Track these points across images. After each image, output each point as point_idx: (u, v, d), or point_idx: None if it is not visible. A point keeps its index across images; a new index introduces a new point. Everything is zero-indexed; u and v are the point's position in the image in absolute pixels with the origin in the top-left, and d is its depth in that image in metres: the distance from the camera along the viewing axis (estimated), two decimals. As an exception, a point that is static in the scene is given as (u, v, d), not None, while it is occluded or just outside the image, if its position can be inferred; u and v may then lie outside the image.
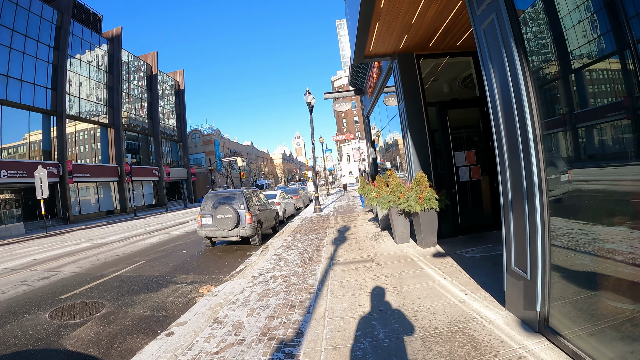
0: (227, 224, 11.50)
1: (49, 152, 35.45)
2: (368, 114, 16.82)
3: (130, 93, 50.74)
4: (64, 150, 35.76)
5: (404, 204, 7.86)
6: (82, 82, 40.48)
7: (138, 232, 20.56)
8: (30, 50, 33.26)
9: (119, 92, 46.19)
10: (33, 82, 33.46)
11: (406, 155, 8.97)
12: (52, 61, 35.88)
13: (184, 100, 67.90)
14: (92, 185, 41.32)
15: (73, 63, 38.82)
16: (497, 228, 9.07)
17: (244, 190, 12.14)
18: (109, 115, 44.61)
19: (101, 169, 42.17)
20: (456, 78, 10.42)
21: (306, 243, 10.63)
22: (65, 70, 36.93)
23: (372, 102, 14.48)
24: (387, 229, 10.85)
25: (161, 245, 14.39)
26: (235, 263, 9.94)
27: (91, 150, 42.34)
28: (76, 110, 39.01)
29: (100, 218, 39.09)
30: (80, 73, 40.08)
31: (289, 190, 26.77)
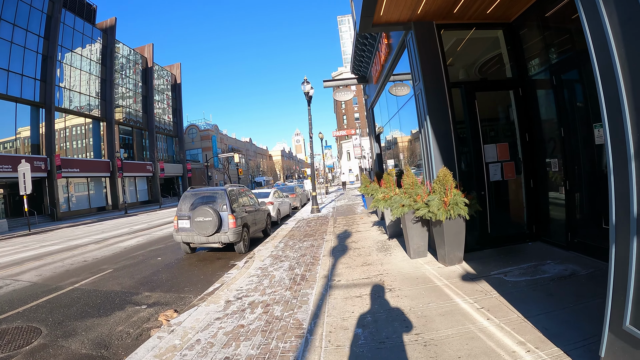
0: (207, 228, 9.75)
1: (37, 146, 33.70)
2: (372, 104, 15.03)
3: (124, 86, 48.92)
4: (52, 144, 33.97)
5: (423, 209, 6.10)
6: (74, 74, 38.67)
7: (120, 232, 18.88)
8: (19, 39, 31.45)
9: (112, 85, 44.39)
10: (21, 72, 31.68)
11: (424, 148, 7.21)
12: (41, 51, 34.08)
13: (180, 94, 66.20)
14: (82, 180, 39.53)
15: (64, 54, 37.01)
16: (532, 239, 7.40)
17: (227, 189, 10.37)
18: (101, 109, 42.81)
19: (92, 163, 40.38)
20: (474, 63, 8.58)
21: (299, 253, 8.87)
22: (55, 61, 35.15)
23: (377, 90, 12.70)
24: (397, 237, 9.10)
25: (137, 250, 12.69)
26: (212, 277, 8.24)
27: (82, 145, 40.53)
28: (67, 103, 37.23)
29: (90, 215, 37.34)
30: (71, 64, 38.25)
31: (285, 188, 25.00)
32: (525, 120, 7.39)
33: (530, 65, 7.39)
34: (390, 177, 8.94)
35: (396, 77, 10.22)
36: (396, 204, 6.64)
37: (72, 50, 38.40)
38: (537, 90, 7.24)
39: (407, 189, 6.69)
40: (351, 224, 12.65)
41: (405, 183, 6.73)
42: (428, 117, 6.81)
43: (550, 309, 4.27)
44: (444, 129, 6.83)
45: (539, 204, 7.36)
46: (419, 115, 7.30)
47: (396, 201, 6.64)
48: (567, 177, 6.41)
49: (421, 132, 7.25)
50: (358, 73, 15.10)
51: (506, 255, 6.71)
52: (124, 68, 49.33)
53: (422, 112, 7.13)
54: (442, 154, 6.79)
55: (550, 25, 6.69)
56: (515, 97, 7.51)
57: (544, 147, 7.17)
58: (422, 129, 7.17)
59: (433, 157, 6.76)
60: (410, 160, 10.23)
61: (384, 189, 8.87)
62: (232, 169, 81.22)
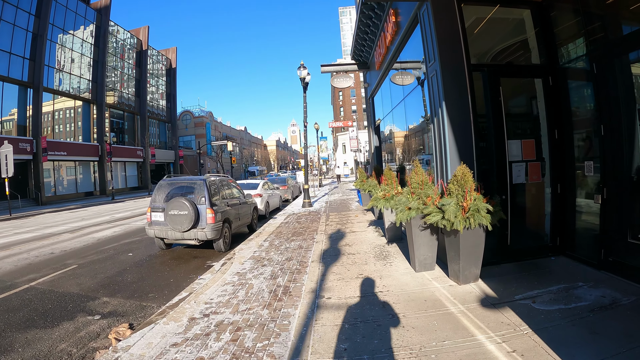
0: (182, 222, 8.60)
1: (23, 127, 32.14)
2: (373, 93, 13.86)
3: (117, 68, 47.26)
4: (38, 126, 32.49)
5: (435, 215, 4.98)
6: (65, 54, 37.02)
7: (100, 221, 17.70)
8: (8, 16, 29.83)
9: (104, 67, 42.72)
10: (9, 51, 30.14)
11: (436, 140, 6.07)
12: (32, 30, 32.47)
13: (175, 79, 64.57)
14: (69, 164, 38.11)
15: (55, 33, 35.36)
16: (555, 253, 6.37)
17: (207, 179, 9.19)
18: (92, 91, 41.19)
19: (80, 147, 38.86)
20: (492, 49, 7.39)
21: (285, 255, 7.75)
22: (46, 40, 33.55)
23: (380, 77, 11.53)
24: (397, 242, 8.01)
25: (110, 242, 11.55)
26: (182, 281, 7.15)
27: (71, 128, 39.01)
28: (56, 84, 35.64)
29: (77, 200, 35.95)
30: (63, 44, 36.58)
31: (277, 180, 23.78)
32: (555, 115, 6.30)
33: (563, 51, 6.30)
34: (391, 173, 7.81)
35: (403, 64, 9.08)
36: (401, 206, 5.52)
37: (63, 30, 36.70)
38: (570, 80, 6.16)
39: (414, 189, 5.56)
40: (345, 223, 11.54)
41: (412, 181, 5.60)
42: (444, 104, 5.67)
43: (599, 356, 3.22)
44: (462, 118, 5.70)
45: (566, 212, 6.29)
46: (432, 102, 6.16)
47: (401, 203, 5.52)
48: (604, 183, 5.33)
49: (434, 122, 6.11)
50: (359, 58, 13.89)
51: (528, 272, 5.65)
52: (117, 50, 47.67)
53: (436, 98, 5.99)
54: (459, 148, 5.66)
55: (590, 4, 5.59)
56: (544, 87, 6.42)
57: (576, 146, 6.09)
58: (435, 117, 6.03)
59: (448, 152, 5.63)
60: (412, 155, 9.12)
61: (384, 186, 7.75)
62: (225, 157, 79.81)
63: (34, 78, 32.64)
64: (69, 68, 37.58)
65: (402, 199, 5.51)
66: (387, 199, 7.38)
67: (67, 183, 37.92)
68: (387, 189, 7.56)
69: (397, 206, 5.55)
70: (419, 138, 8.28)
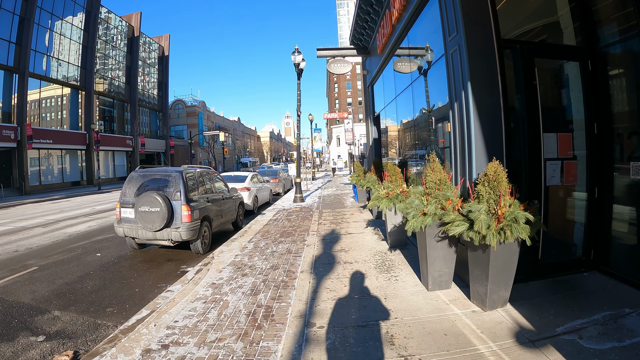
0: (153, 221, 7.48)
1: (8, 114, 30.59)
2: (373, 80, 12.74)
3: (107, 54, 45.62)
4: (23, 112, 30.98)
5: (460, 225, 3.92)
6: (53, 39, 35.38)
7: (79, 213, 16.51)
8: (-6, -2, 28.37)
9: (93, 53, 41.04)
10: (-6, 34, 28.70)
11: (457, 130, 4.99)
12: (18, 13, 30.85)
13: (167, 67, 63.06)
14: (56, 153, 36.55)
15: (43, 17, 33.70)
16: (588, 268, 5.35)
17: (184, 171, 8.05)
18: (80, 78, 39.54)
19: (66, 135, 37.30)
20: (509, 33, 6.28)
21: (270, 262, 6.67)
22: (33, 24, 31.90)
23: (382, 62, 10.41)
24: (401, 248, 6.95)
25: (81, 239, 10.42)
26: (148, 292, 6.09)
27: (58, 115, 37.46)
28: (44, 70, 34.05)
29: (63, 189, 34.53)
30: (50, 29, 34.90)
31: (268, 172, 22.59)
32: (594, 105, 5.26)
33: (605, 31, 5.26)
34: (396, 169, 6.74)
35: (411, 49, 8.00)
36: (413, 209, 4.45)
37: (52, 13, 34.97)
38: (612, 65, 5.14)
39: (430, 189, 4.48)
40: (340, 222, 10.46)
41: (427, 179, 4.51)
42: (469, 85, 4.58)
43: None
44: (490, 103, 4.62)
45: (602, 221, 5.26)
46: (452, 84, 5.06)
47: (413, 206, 4.45)
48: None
49: (453, 108, 5.02)
50: (359, 43, 12.76)
51: (563, 293, 4.64)
52: (108, 36, 46.01)
53: (458, 79, 4.90)
54: (487, 140, 4.58)
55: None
56: (582, 72, 5.37)
57: (620, 143, 5.06)
58: (455, 102, 4.95)
59: (473, 144, 4.55)
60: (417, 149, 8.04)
61: (387, 184, 6.67)
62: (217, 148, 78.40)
63: (20, 63, 31.05)
64: (57, 53, 35.90)
65: (415, 202, 4.44)
66: (390, 199, 6.32)
67: (53, 172, 36.47)
68: (391, 187, 6.48)
69: (408, 210, 4.47)
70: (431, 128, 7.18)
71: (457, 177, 4.91)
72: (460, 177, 4.74)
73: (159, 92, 60.46)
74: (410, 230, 4.41)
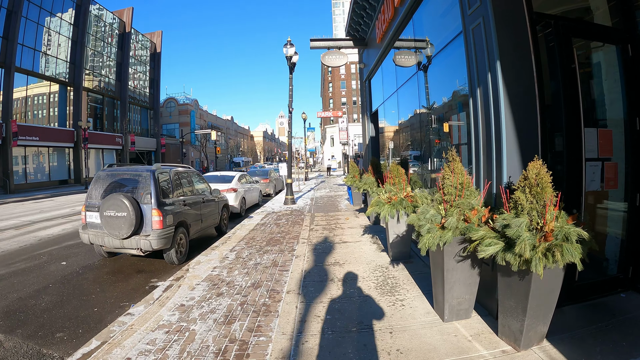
0: (119, 227, 6.49)
1: None
2: (370, 74, 11.81)
3: (97, 50, 44.31)
4: (9, 108, 29.72)
5: (492, 244, 3.00)
6: (41, 33, 34.12)
7: (57, 214, 15.43)
8: (-22, -10, 27.17)
9: (83, 48, 39.73)
10: (-21, 27, 27.49)
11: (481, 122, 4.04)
12: (5, 5, 29.61)
13: (159, 64, 61.71)
14: (42, 150, 35.23)
15: (31, 10, 32.45)
16: (624, 287, 4.52)
17: (156, 170, 7.05)
18: (69, 73, 38.22)
19: (54, 132, 35.96)
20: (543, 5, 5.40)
21: (252, 278, 5.70)
22: (20, 17, 30.65)
23: (381, 53, 9.48)
24: (404, 261, 6.01)
25: (51, 244, 9.42)
26: (108, 313, 5.19)
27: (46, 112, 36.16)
28: (31, 64, 32.77)
29: (49, 188, 33.23)
30: (39, 22, 33.66)
31: (258, 172, 21.52)
32: (636, 97, 4.39)
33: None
34: (399, 170, 5.81)
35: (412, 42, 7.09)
36: (428, 222, 3.52)
37: (41, 7, 33.65)
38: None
39: (449, 195, 3.55)
40: (334, 228, 9.50)
41: (446, 183, 3.58)
42: (498, 66, 3.65)
43: None
44: (522, 89, 3.71)
45: (644, 232, 4.41)
46: (473, 66, 4.13)
47: (429, 218, 3.52)
48: None
49: (476, 95, 4.09)
50: (355, 34, 11.84)
51: (605, 322, 3.81)
52: (98, 31, 44.74)
53: (481, 59, 3.97)
54: (519, 134, 3.66)
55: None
56: (621, 58, 4.49)
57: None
58: (478, 88, 4.01)
59: (504, 139, 3.62)
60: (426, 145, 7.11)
61: (389, 187, 5.74)
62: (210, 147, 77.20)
63: (6, 57, 29.74)
64: (45, 48, 34.59)
65: (430, 212, 3.51)
66: (393, 204, 5.39)
67: (39, 170, 35.12)
68: (394, 191, 5.55)
69: (421, 222, 3.53)
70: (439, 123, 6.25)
71: (480, 180, 3.98)
72: (485, 181, 3.80)
73: (151, 90, 59.20)
74: (425, 249, 3.47)
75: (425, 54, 6.37)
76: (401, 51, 8.08)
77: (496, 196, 3.71)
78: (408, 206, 5.31)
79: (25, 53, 32.21)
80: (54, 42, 36.20)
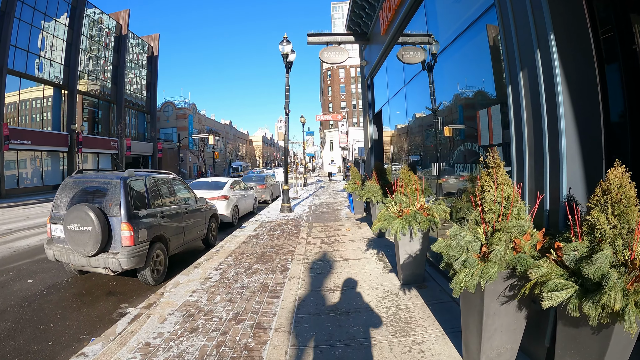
0: (84, 243, 5.57)
1: None
2: (373, 72, 10.91)
3: (93, 53, 43.56)
4: (0, 111, 28.86)
5: (565, 287, 2.05)
6: (34, 34, 33.30)
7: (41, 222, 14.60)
8: (-33, -11, 26.41)
9: (77, 50, 38.94)
10: (-33, 29, 26.70)
11: (527, 118, 3.10)
12: None
13: (156, 67, 61.12)
14: (35, 154, 34.40)
15: (24, 11, 31.65)
16: None
17: (128, 177, 6.12)
18: (63, 76, 37.43)
19: (46, 136, 35.08)
20: None
21: (235, 309, 4.75)
22: (13, 18, 29.88)
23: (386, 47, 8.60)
24: (417, 286, 5.05)
25: (24, 257, 8.58)
26: (64, 348, 4.45)
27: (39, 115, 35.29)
28: (24, 66, 31.94)
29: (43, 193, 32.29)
30: (32, 23, 32.83)
31: (254, 178, 20.55)
32: None
33: None
34: (412, 176, 4.88)
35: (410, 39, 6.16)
36: (462, 251, 2.58)
37: (34, 8, 32.93)
38: None
39: (490, 214, 2.61)
40: (333, 241, 8.55)
41: (486, 198, 2.64)
42: (553, 38, 2.73)
43: None
44: (580, 71, 2.79)
45: None
46: (512, 43, 3.20)
47: (464, 244, 2.58)
48: None
49: (518, 81, 3.15)
50: (357, 28, 10.95)
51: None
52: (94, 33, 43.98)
53: (523, 33, 3.06)
54: (580, 131, 2.73)
55: None
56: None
57: None
58: (520, 73, 3.09)
59: (563, 137, 2.68)
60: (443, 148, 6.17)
61: (400, 197, 4.81)
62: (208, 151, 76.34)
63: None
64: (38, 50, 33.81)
65: (466, 237, 2.58)
66: (406, 219, 4.46)
67: (32, 175, 34.27)
68: (405, 202, 4.63)
69: (453, 252, 2.59)
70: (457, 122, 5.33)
71: (525, 191, 3.05)
72: (538, 193, 2.85)
73: (148, 94, 58.46)
74: (460, 289, 2.52)
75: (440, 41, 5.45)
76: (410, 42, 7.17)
77: (549, 214, 2.78)
78: (423, 221, 4.39)
79: (18, 55, 31.42)
80: (48, 44, 35.44)
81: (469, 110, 4.79)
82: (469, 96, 4.76)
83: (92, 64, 43.86)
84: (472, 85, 4.64)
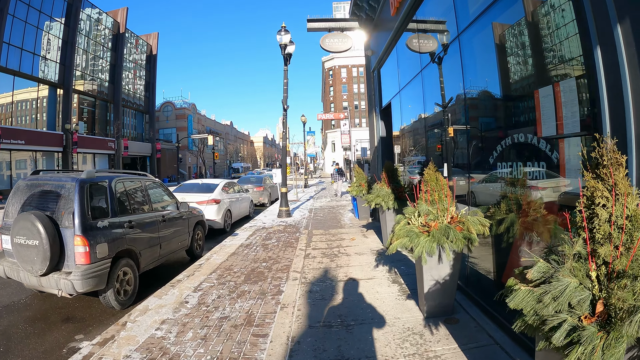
0: (31, 260, 4.51)
1: None
2: (380, 62, 9.82)
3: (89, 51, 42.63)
4: None
5: None
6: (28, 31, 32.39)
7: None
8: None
9: (73, 48, 38.01)
10: (-40, 25, 25.79)
11: (633, 98, 2.03)
12: None
13: (155, 67, 60.37)
14: (29, 155, 33.49)
15: (18, 7, 30.76)
16: None
17: (86, 178, 5.03)
18: (59, 74, 36.53)
19: (41, 135, 34.13)
20: None
21: (209, 352, 3.68)
22: (6, 15, 29.02)
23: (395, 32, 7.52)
24: (444, 318, 3.94)
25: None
26: None
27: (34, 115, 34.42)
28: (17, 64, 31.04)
29: (35, 194, 31.44)
30: (26, 20, 31.93)
31: (252, 179, 19.40)
32: None
33: None
34: (440, 179, 3.79)
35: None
36: (564, 311, 1.50)
37: (29, 5, 32.08)
38: None
39: (606, 246, 1.54)
40: (336, 254, 7.43)
41: (601, 218, 1.57)
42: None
43: None
44: None
45: None
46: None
47: (565, 300, 1.50)
48: None
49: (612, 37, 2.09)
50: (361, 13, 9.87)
51: None
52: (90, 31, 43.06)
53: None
54: None
55: None
56: None
57: None
58: (620, 28, 2.01)
59: None
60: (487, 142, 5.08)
61: (424, 207, 3.72)
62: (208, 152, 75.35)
63: (-9, 56, 28.23)
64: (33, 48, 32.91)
65: (570, 284, 1.50)
66: (433, 235, 3.38)
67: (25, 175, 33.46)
68: (432, 213, 3.54)
69: (548, 308, 1.52)
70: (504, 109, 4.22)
71: None
72: None
73: (146, 93, 57.64)
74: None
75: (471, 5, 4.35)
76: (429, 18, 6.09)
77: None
78: (458, 238, 3.31)
79: (12, 52, 30.51)
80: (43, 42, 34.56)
81: (518, 90, 3.67)
82: (517, 72, 3.65)
83: (88, 62, 42.97)
84: (522, 57, 3.51)
